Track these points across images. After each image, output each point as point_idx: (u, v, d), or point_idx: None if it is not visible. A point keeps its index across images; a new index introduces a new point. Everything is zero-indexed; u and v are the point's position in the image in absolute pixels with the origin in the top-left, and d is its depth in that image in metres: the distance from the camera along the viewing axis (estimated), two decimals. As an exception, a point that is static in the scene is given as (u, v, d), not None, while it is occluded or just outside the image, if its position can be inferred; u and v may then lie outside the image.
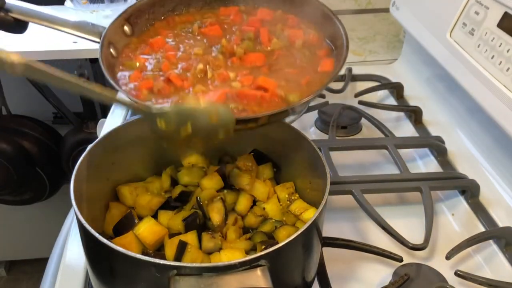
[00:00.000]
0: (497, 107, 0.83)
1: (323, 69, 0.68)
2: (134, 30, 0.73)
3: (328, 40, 0.72)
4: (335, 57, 0.70)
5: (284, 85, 0.65)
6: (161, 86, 0.66)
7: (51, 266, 0.91)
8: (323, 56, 0.71)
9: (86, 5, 1.46)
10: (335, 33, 0.71)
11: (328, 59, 0.70)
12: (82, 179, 0.64)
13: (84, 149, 0.68)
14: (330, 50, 0.71)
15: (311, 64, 0.69)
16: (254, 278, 0.52)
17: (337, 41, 0.71)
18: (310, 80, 0.66)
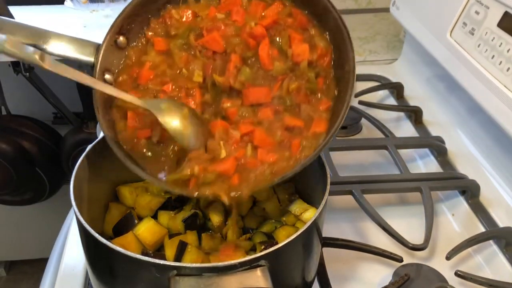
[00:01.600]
0: (497, 107, 0.83)
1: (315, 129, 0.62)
2: (129, 37, 0.67)
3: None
4: (337, 97, 0.63)
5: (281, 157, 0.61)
6: (160, 135, 0.63)
7: (51, 266, 0.91)
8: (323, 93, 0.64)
9: (86, 5, 1.45)
10: (342, 53, 0.65)
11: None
12: (82, 179, 0.64)
13: (84, 149, 0.68)
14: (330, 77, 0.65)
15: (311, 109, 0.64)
16: (254, 278, 0.52)
17: (343, 65, 0.64)
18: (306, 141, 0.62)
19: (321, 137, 0.61)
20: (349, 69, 0.62)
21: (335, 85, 0.64)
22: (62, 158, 1.77)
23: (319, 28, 0.66)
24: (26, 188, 1.78)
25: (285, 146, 0.61)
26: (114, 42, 0.66)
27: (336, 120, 0.60)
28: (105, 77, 0.65)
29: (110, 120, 0.64)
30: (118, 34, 0.66)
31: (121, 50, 0.67)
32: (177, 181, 0.61)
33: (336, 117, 0.61)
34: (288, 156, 0.60)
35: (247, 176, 0.60)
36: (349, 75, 0.62)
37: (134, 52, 0.67)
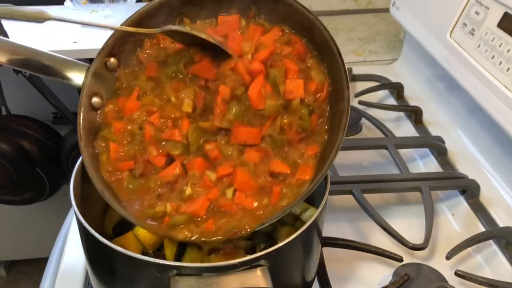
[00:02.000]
0: (497, 107, 0.83)
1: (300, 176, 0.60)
2: (120, 59, 0.65)
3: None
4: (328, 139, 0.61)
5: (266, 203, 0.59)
6: (143, 167, 0.61)
7: (51, 266, 0.91)
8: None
9: (86, 5, 1.46)
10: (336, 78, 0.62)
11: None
12: (82, 179, 0.64)
13: (84, 149, 0.67)
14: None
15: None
16: (254, 278, 0.52)
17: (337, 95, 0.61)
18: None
19: (305, 185, 0.59)
20: (343, 108, 0.59)
21: (327, 127, 0.62)
22: (62, 158, 1.77)
23: (317, 60, 0.63)
24: (26, 188, 1.78)
25: (266, 192, 0.59)
26: (104, 65, 0.64)
27: (323, 166, 0.58)
28: (92, 100, 0.64)
29: (92, 151, 0.63)
30: (109, 56, 0.64)
31: (111, 72, 0.65)
32: (153, 218, 0.59)
33: (324, 162, 0.59)
34: (267, 203, 0.58)
35: (223, 221, 0.58)
36: (342, 115, 0.59)
37: (125, 75, 0.66)
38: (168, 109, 0.63)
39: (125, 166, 0.62)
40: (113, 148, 0.63)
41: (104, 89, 0.65)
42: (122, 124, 0.64)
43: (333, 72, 0.62)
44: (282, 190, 0.59)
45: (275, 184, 0.59)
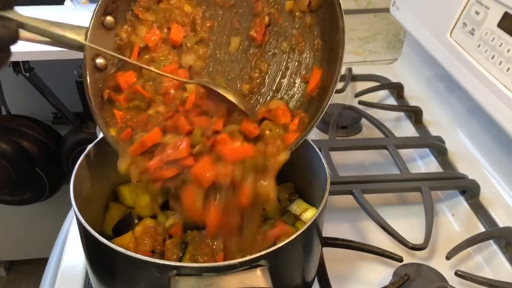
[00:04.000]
0: (497, 107, 0.83)
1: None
2: (116, 16, 0.65)
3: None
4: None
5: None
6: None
7: (51, 266, 0.91)
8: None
9: (86, 5, 1.46)
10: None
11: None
12: (82, 179, 0.64)
13: (84, 149, 0.68)
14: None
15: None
16: (254, 278, 0.51)
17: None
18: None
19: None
20: (338, 39, 0.61)
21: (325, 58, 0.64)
22: (62, 158, 1.77)
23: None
24: (26, 188, 1.78)
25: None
26: (101, 24, 0.65)
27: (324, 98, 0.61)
28: (96, 61, 0.65)
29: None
30: (104, 15, 0.64)
31: (109, 30, 0.66)
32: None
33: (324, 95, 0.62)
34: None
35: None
36: (338, 46, 0.61)
37: (123, 31, 0.66)
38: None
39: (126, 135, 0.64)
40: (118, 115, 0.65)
41: (107, 48, 0.65)
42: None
43: (326, 0, 0.63)
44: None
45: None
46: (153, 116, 0.64)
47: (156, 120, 0.63)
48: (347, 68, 1.25)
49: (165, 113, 0.63)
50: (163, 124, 0.62)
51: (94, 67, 0.64)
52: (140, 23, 0.67)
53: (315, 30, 0.66)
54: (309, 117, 0.64)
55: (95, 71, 0.65)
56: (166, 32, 0.67)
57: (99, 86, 0.65)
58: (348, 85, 1.19)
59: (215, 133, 0.59)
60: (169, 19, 0.67)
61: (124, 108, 0.65)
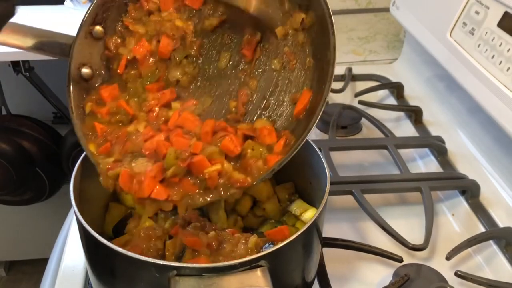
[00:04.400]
0: (497, 107, 0.83)
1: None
2: (106, 26, 0.65)
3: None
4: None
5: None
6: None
7: (51, 266, 0.91)
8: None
9: (86, 5, 1.45)
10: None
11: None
12: (82, 179, 0.64)
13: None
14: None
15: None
16: (254, 279, 0.52)
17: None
18: None
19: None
20: (329, 57, 0.59)
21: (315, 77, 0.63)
22: (62, 158, 1.77)
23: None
24: (26, 188, 1.78)
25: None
26: (89, 34, 0.64)
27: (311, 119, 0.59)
28: (82, 71, 0.64)
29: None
30: (93, 24, 0.64)
31: (98, 40, 0.65)
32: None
33: (312, 115, 0.59)
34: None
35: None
36: (329, 65, 0.59)
37: (112, 42, 0.66)
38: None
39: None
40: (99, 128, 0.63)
41: (94, 58, 0.64)
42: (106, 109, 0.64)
43: (319, 18, 0.62)
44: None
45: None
46: (132, 133, 0.62)
47: (136, 140, 0.61)
48: (347, 67, 1.25)
49: (144, 133, 0.62)
50: (141, 145, 0.61)
51: (79, 76, 0.64)
52: (130, 34, 0.66)
53: (307, 49, 0.64)
54: (295, 138, 0.61)
55: (80, 80, 0.64)
56: (155, 45, 0.66)
57: (83, 97, 0.64)
58: (348, 84, 1.19)
59: (192, 155, 0.58)
60: (159, 31, 0.66)
61: (105, 122, 0.63)
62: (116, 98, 0.64)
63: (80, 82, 0.64)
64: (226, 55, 0.68)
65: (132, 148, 0.61)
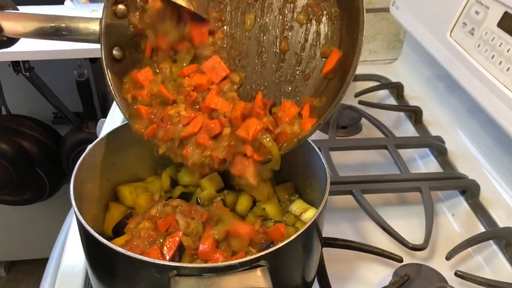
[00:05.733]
0: (497, 107, 0.83)
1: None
2: (127, 3, 0.64)
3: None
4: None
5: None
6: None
7: (51, 266, 0.91)
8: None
9: (86, 5, 1.46)
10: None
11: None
12: (82, 179, 0.64)
13: (84, 149, 0.68)
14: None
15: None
16: (254, 278, 0.51)
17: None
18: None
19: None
20: (357, 5, 0.60)
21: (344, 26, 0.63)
22: (62, 158, 1.77)
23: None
24: (26, 188, 1.78)
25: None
26: (114, 14, 0.64)
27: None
28: (114, 52, 0.64)
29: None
30: (116, 3, 0.64)
31: (122, 19, 0.65)
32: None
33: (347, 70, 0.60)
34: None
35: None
36: (359, 13, 0.60)
37: (136, 19, 0.65)
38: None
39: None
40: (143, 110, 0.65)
41: (122, 38, 0.65)
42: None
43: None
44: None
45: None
46: (174, 117, 0.64)
47: (177, 124, 0.63)
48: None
49: (185, 117, 0.63)
50: (181, 131, 0.63)
51: (112, 58, 0.64)
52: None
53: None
54: (325, 97, 0.63)
55: (114, 63, 0.65)
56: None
57: (120, 78, 0.65)
58: (348, 85, 1.18)
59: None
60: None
61: (147, 103, 0.65)
62: (152, 80, 0.66)
63: (114, 65, 0.65)
64: (251, 16, 0.68)
65: (173, 134, 0.63)
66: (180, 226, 0.63)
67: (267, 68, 0.68)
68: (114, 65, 0.65)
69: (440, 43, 1.01)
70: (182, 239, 0.61)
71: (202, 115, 0.64)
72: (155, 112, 0.64)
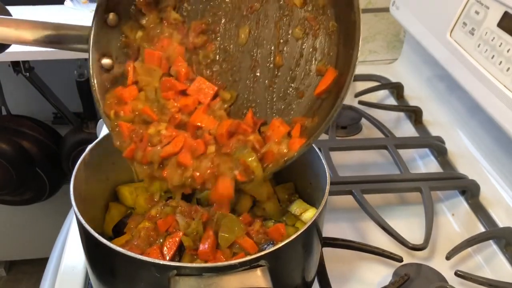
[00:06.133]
0: (497, 107, 0.83)
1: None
2: (119, 13, 0.63)
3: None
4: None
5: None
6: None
7: (51, 266, 0.91)
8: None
9: (86, 5, 1.46)
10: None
11: None
12: (82, 179, 0.64)
13: (84, 149, 0.68)
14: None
15: None
16: (254, 278, 0.51)
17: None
18: None
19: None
20: (354, 19, 0.57)
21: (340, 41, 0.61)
22: (62, 158, 1.77)
23: None
24: (26, 188, 1.78)
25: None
26: (104, 22, 0.62)
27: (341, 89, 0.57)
28: (102, 62, 0.63)
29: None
30: (107, 12, 0.62)
31: (113, 28, 0.63)
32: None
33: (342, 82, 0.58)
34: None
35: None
36: (355, 27, 0.57)
37: (128, 28, 0.64)
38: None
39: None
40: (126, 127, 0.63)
41: (112, 47, 0.63)
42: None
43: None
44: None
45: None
46: (154, 137, 0.62)
47: (156, 145, 0.61)
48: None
49: (166, 136, 0.61)
50: (160, 153, 0.60)
51: (100, 68, 0.63)
52: (144, 17, 0.64)
53: (329, 11, 0.62)
54: (328, 108, 0.60)
55: (102, 72, 0.63)
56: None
57: (107, 87, 0.63)
58: (348, 85, 1.18)
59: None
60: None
61: (130, 119, 0.63)
62: (136, 97, 0.63)
63: (101, 73, 0.63)
64: (245, 29, 0.65)
65: (151, 157, 0.60)
66: (180, 226, 0.63)
67: (260, 84, 0.65)
68: (103, 74, 0.63)
69: (440, 43, 1.01)
70: (182, 239, 0.61)
71: (184, 134, 0.61)
72: (136, 130, 0.62)
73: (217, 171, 0.59)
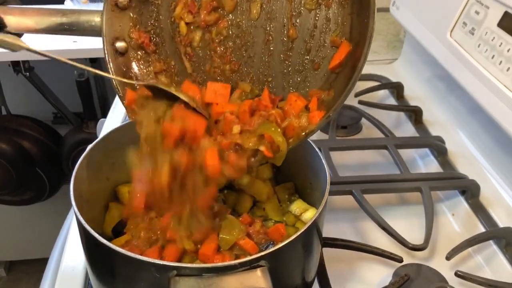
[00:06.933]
0: (497, 107, 0.83)
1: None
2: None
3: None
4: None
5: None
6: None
7: (51, 266, 0.91)
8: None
9: (86, 4, 1.46)
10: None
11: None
12: (82, 179, 0.64)
13: (84, 149, 0.68)
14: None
15: None
16: (254, 279, 0.51)
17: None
18: None
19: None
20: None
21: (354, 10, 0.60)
22: (62, 158, 1.77)
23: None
24: (26, 188, 1.78)
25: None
26: (115, 5, 0.62)
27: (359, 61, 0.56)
28: (117, 45, 0.63)
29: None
30: None
31: (124, 10, 0.63)
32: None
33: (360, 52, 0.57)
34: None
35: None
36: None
37: (137, 11, 0.64)
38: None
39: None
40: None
41: (125, 30, 0.63)
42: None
43: None
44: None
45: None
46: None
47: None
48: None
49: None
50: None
51: (115, 51, 0.63)
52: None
53: None
54: (344, 80, 0.60)
55: (117, 56, 0.63)
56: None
57: (123, 71, 0.63)
58: (348, 85, 1.18)
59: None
60: None
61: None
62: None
63: (117, 57, 0.63)
64: (256, 4, 0.65)
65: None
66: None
67: (275, 58, 0.65)
68: (118, 58, 0.63)
69: (440, 43, 1.01)
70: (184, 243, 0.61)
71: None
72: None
73: (240, 150, 0.59)
